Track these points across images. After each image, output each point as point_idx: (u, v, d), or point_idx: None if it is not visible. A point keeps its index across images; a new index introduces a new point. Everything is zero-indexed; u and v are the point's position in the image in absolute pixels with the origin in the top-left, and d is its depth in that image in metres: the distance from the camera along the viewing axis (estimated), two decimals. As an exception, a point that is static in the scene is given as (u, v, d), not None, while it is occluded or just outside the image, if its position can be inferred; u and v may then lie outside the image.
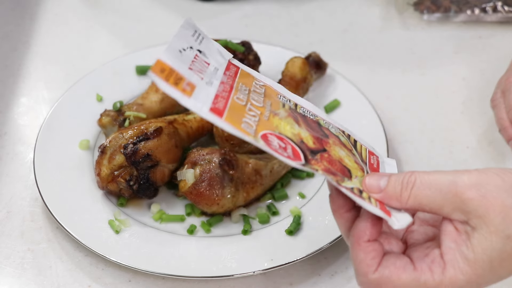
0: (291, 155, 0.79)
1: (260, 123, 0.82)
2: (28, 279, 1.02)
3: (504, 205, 0.72)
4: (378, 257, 0.76)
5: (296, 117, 0.86)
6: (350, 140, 0.89)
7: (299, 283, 1.02)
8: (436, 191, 0.74)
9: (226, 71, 0.87)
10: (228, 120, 0.79)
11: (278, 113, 0.85)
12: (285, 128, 0.83)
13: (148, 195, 1.07)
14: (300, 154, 0.80)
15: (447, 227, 0.75)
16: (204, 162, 1.06)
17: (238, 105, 0.83)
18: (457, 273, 0.73)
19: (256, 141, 0.79)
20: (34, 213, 1.10)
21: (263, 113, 0.83)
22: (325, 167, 0.80)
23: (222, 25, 1.42)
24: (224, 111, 0.80)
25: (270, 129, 0.81)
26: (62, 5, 1.45)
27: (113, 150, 1.06)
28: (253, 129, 0.80)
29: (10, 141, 1.20)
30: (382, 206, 0.78)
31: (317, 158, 0.81)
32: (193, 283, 1.02)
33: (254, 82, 0.89)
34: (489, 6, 1.39)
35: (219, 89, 0.83)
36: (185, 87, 0.79)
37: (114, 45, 1.38)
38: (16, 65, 1.34)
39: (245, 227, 1.05)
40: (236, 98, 0.83)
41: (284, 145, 0.80)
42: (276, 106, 0.86)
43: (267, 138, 0.80)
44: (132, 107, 1.17)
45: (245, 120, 0.81)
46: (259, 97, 0.86)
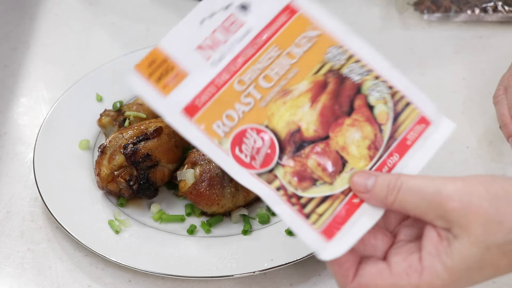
0: (260, 160, 0.78)
1: (249, 114, 0.79)
2: (28, 279, 1.02)
3: (486, 215, 0.73)
4: (353, 267, 0.77)
5: (321, 87, 0.81)
6: (397, 105, 0.82)
7: (299, 283, 1.02)
8: (421, 198, 0.75)
9: (268, 26, 0.82)
10: (198, 121, 0.78)
11: (291, 90, 0.81)
12: (282, 117, 0.79)
13: (148, 195, 1.07)
14: (275, 156, 0.78)
15: (429, 232, 0.76)
16: (204, 162, 1.05)
17: (231, 93, 0.79)
18: (434, 279, 0.74)
19: (220, 145, 0.78)
20: (34, 213, 1.10)
21: (264, 97, 0.80)
22: (300, 167, 0.78)
23: (222, 25, 1.42)
24: (201, 108, 0.78)
25: (257, 122, 0.79)
26: (62, 5, 1.45)
27: (113, 150, 1.06)
28: (232, 125, 0.78)
29: (10, 141, 1.20)
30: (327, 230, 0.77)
31: (301, 153, 0.79)
32: (193, 283, 1.02)
33: (305, 33, 0.83)
34: (490, 6, 1.39)
35: (224, 69, 0.80)
36: (169, 82, 0.78)
37: (114, 45, 1.38)
38: (16, 65, 1.34)
39: (245, 227, 1.05)
40: (238, 81, 0.80)
41: (261, 145, 0.78)
42: (301, 76, 0.81)
43: (242, 137, 0.78)
44: (132, 107, 1.17)
45: (227, 114, 0.78)
46: (288, 61, 0.81)
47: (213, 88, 0.79)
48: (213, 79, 0.80)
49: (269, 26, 0.82)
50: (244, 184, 0.78)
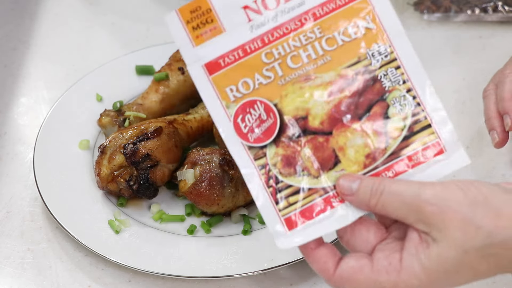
0: (258, 133, 0.79)
1: (264, 88, 0.79)
2: (28, 279, 1.02)
3: (464, 220, 0.74)
4: (331, 261, 0.78)
5: (347, 84, 0.80)
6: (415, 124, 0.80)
7: (299, 283, 1.02)
8: (401, 201, 0.76)
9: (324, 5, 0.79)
10: (214, 80, 0.79)
11: (314, 77, 0.80)
12: (293, 101, 0.79)
13: (148, 195, 1.07)
14: (273, 134, 0.79)
15: (412, 233, 0.77)
16: (204, 162, 1.05)
17: (257, 62, 0.79)
18: (412, 278, 0.76)
19: (226, 108, 0.79)
20: (34, 213, 1.10)
21: (285, 77, 0.79)
22: (291, 152, 0.79)
23: (222, 25, 1.41)
24: (222, 68, 0.79)
25: (268, 98, 0.79)
26: (62, 5, 1.45)
27: (113, 150, 1.06)
28: (245, 93, 0.79)
29: (10, 141, 1.20)
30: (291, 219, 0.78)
31: (299, 140, 0.79)
32: (193, 283, 1.02)
33: (357, 22, 0.80)
34: (490, 6, 1.39)
35: (260, 37, 0.79)
36: (203, 34, 0.79)
37: (114, 45, 1.38)
38: (16, 65, 1.34)
39: (245, 227, 1.05)
40: (266, 53, 0.79)
41: (265, 118, 0.79)
42: (329, 66, 0.80)
43: (250, 106, 0.79)
44: (132, 107, 1.17)
45: (243, 81, 0.79)
46: (325, 47, 0.80)
47: (241, 52, 0.79)
48: (245, 43, 0.79)
49: (325, 4, 0.80)
50: (230, 151, 0.80)
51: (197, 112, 1.16)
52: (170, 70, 1.18)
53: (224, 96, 0.79)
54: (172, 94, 1.17)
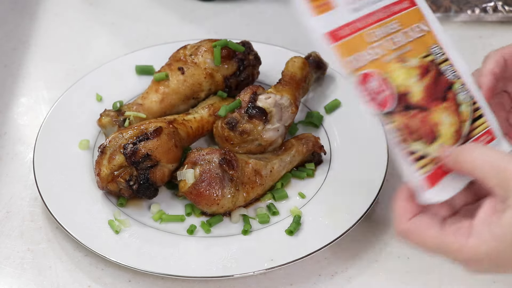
0: (379, 100, 0.87)
1: (374, 62, 0.89)
2: (27, 279, 1.02)
3: None
4: (410, 213, 0.85)
5: (426, 70, 0.91)
6: (474, 112, 0.93)
7: (299, 283, 1.02)
8: (489, 164, 0.81)
9: (393, 5, 0.93)
10: (338, 48, 0.88)
11: (407, 60, 0.91)
12: (398, 77, 0.89)
13: (148, 195, 1.07)
14: (393, 103, 0.88)
15: (485, 204, 0.81)
16: (204, 162, 1.05)
17: (363, 40, 0.90)
18: (480, 244, 0.79)
19: (350, 76, 0.88)
20: (33, 213, 1.10)
21: (388, 55, 0.90)
22: (404, 124, 0.88)
23: (222, 25, 1.42)
24: (340, 39, 0.89)
25: (381, 71, 0.89)
26: (62, 5, 1.45)
27: (113, 150, 1.06)
28: (360, 65, 0.88)
29: (10, 141, 1.20)
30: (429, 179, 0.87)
31: (408, 113, 0.88)
32: (193, 283, 1.02)
33: (418, 24, 0.94)
34: (490, 6, 1.39)
35: (357, 20, 0.90)
36: (321, 5, 0.89)
37: (114, 45, 1.38)
38: (16, 65, 1.34)
39: (245, 227, 1.05)
40: (368, 33, 0.90)
41: (383, 89, 0.88)
42: (414, 53, 0.92)
43: (369, 77, 0.88)
44: (132, 107, 1.17)
45: (357, 54, 0.88)
46: (404, 39, 0.92)
47: (352, 28, 0.90)
48: (349, 22, 0.90)
49: (395, 4, 0.94)
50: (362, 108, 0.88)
51: (197, 112, 1.16)
52: (170, 70, 1.18)
53: (345, 65, 0.88)
54: (172, 94, 1.17)
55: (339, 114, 1.21)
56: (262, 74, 1.25)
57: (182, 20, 1.43)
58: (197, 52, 1.19)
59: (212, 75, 1.18)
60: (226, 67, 1.19)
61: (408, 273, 1.04)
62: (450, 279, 1.03)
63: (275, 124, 1.12)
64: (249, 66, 1.20)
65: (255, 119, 1.10)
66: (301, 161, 1.14)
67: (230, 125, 1.11)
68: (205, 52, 1.18)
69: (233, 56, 1.19)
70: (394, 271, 1.04)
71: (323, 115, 1.21)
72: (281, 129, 1.13)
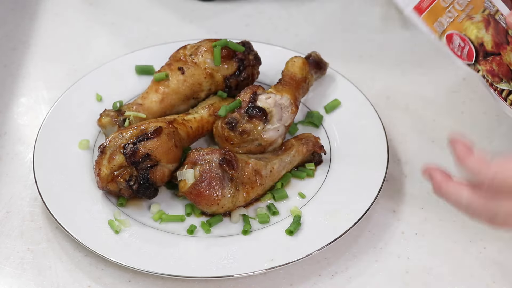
0: (465, 55, 1.08)
1: (452, 24, 1.09)
2: (27, 279, 1.02)
3: None
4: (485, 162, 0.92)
5: (488, 22, 1.09)
6: None
7: (299, 283, 1.02)
8: None
9: None
10: (424, 18, 1.09)
11: (474, 17, 1.09)
12: (472, 32, 1.08)
13: (148, 195, 1.07)
14: (474, 54, 1.08)
15: None
16: (204, 162, 1.05)
17: (440, 6, 1.09)
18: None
19: (440, 39, 1.08)
20: (33, 213, 1.10)
21: (459, 16, 1.09)
22: (490, 68, 1.07)
23: (222, 25, 1.42)
24: (425, 10, 1.09)
25: (458, 30, 1.09)
26: (61, 5, 1.45)
27: (112, 150, 1.06)
28: (443, 28, 1.08)
29: (10, 141, 1.20)
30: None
31: (488, 59, 1.07)
32: (193, 283, 1.02)
33: None
34: (490, 6, 1.39)
35: None
36: None
37: (114, 45, 1.38)
38: (16, 65, 1.34)
39: (245, 227, 1.05)
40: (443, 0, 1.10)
41: (464, 45, 1.08)
42: (475, 11, 1.09)
43: (451, 37, 1.08)
44: (132, 107, 1.17)
45: (440, 20, 1.09)
46: (465, 0, 1.10)
47: (427, 1, 1.09)
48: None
49: None
50: (462, 66, 1.10)
51: (197, 112, 1.16)
52: (170, 70, 1.18)
53: (435, 31, 1.09)
54: (172, 94, 1.17)
55: (339, 114, 1.21)
56: (262, 74, 1.25)
57: (182, 20, 1.43)
58: (197, 52, 1.19)
59: (212, 75, 1.18)
60: (226, 67, 1.19)
61: (408, 273, 1.04)
62: (450, 279, 1.03)
63: (275, 124, 1.12)
64: (249, 66, 1.20)
65: (255, 119, 1.10)
66: (301, 161, 1.14)
67: (230, 125, 1.11)
68: (205, 52, 1.18)
69: (233, 56, 1.19)
70: (394, 271, 1.04)
71: (323, 115, 1.21)
72: (281, 129, 1.13)
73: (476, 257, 1.06)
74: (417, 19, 1.09)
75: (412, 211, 1.11)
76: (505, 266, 1.04)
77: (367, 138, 1.15)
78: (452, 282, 1.03)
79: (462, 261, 1.05)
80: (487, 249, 1.06)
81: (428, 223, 1.09)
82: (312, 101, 1.23)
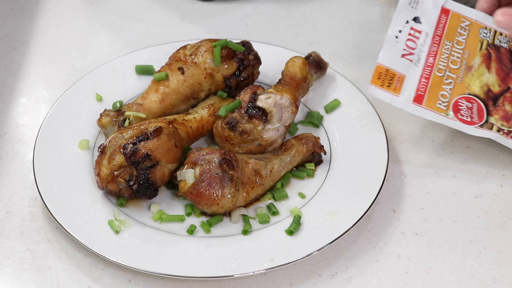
0: (475, 115, 1.12)
1: (454, 89, 1.13)
2: (27, 279, 1.02)
3: None
4: None
5: (489, 57, 1.13)
6: None
7: (299, 283, 1.02)
8: None
9: (436, 29, 1.16)
10: (426, 104, 1.12)
11: (472, 65, 1.14)
12: (475, 85, 1.13)
13: (148, 195, 1.07)
14: (483, 109, 1.12)
15: None
16: (204, 162, 1.05)
17: (437, 79, 1.13)
18: None
19: (447, 116, 1.12)
20: (33, 213, 1.10)
21: (458, 76, 1.13)
22: (503, 113, 1.12)
23: (222, 25, 1.42)
24: (424, 95, 1.12)
25: (462, 93, 1.13)
26: (61, 5, 1.45)
27: (112, 150, 1.06)
28: (447, 100, 1.12)
29: (10, 141, 1.20)
30: None
31: (499, 103, 1.12)
32: (193, 283, 1.02)
33: (460, 25, 1.16)
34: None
35: (425, 65, 1.14)
36: (396, 85, 1.13)
37: (114, 45, 1.38)
38: (16, 65, 1.34)
39: (245, 227, 1.05)
40: (437, 71, 1.13)
41: (471, 105, 1.12)
42: (472, 55, 1.14)
43: (458, 105, 1.12)
44: (132, 107, 1.17)
45: (441, 94, 1.13)
46: (460, 48, 1.15)
47: (424, 80, 1.13)
48: (421, 74, 1.13)
49: (437, 27, 1.16)
50: (476, 134, 1.12)
51: (197, 112, 1.16)
52: (170, 70, 1.18)
53: (440, 110, 1.12)
54: (172, 94, 1.17)
55: (339, 114, 1.21)
56: (262, 74, 1.25)
57: (182, 20, 1.43)
58: (197, 52, 1.19)
59: (212, 75, 1.18)
60: (226, 67, 1.19)
61: (408, 273, 1.04)
62: (450, 279, 1.03)
63: (275, 124, 1.12)
64: (249, 66, 1.20)
65: (255, 119, 1.10)
66: (301, 161, 1.14)
67: (230, 125, 1.11)
68: (205, 52, 1.18)
69: (233, 56, 1.19)
70: (394, 271, 1.04)
71: (323, 115, 1.21)
72: (281, 129, 1.13)
73: (476, 257, 1.06)
74: (420, 110, 1.12)
75: (412, 211, 1.11)
76: (505, 266, 1.04)
77: (367, 138, 1.15)
78: (452, 282, 1.03)
79: (462, 261, 1.05)
80: (487, 249, 1.06)
81: (428, 223, 1.09)
82: (312, 101, 1.23)
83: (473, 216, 1.10)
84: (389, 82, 1.12)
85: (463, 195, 1.13)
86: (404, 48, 1.14)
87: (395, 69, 1.13)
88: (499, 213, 1.11)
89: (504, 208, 1.11)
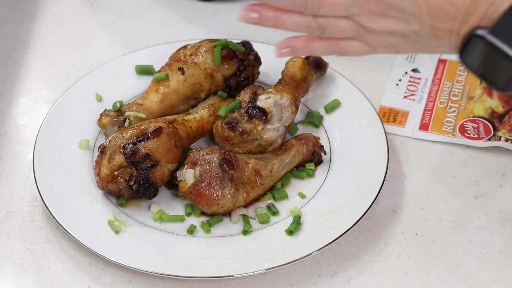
0: (482, 132, 1.17)
1: (458, 115, 1.21)
2: (27, 279, 1.02)
3: None
4: None
5: (490, 88, 1.20)
6: None
7: (299, 283, 1.02)
8: None
9: (435, 75, 1.28)
10: (432, 129, 1.20)
11: (473, 96, 1.22)
12: (478, 109, 1.21)
13: (148, 195, 1.07)
14: (490, 126, 1.18)
15: None
16: (204, 162, 1.05)
17: (440, 110, 1.22)
18: None
19: (454, 136, 1.18)
20: (33, 213, 1.10)
21: (460, 104, 1.22)
22: (510, 127, 1.17)
23: (222, 25, 1.41)
24: (429, 123, 1.21)
25: (466, 117, 1.20)
26: (61, 5, 1.45)
27: (112, 150, 1.06)
28: (452, 124, 1.20)
29: (10, 141, 1.20)
30: None
31: (504, 121, 1.18)
32: (193, 283, 1.02)
33: (459, 68, 1.28)
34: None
35: (427, 101, 1.24)
36: (401, 119, 1.21)
37: (114, 45, 1.38)
38: (16, 65, 1.34)
39: (245, 227, 1.05)
40: (439, 103, 1.23)
41: (477, 125, 1.18)
42: (473, 89, 1.23)
43: (464, 127, 1.19)
44: (132, 107, 1.17)
45: (446, 120, 1.20)
46: (460, 86, 1.25)
47: (428, 112, 1.22)
48: (425, 108, 1.23)
49: (436, 73, 1.28)
50: (484, 146, 1.16)
51: (197, 112, 1.16)
52: (170, 70, 1.18)
53: (446, 133, 1.18)
54: (172, 94, 1.17)
55: (339, 114, 1.21)
56: (262, 74, 1.24)
57: (182, 20, 1.43)
58: (197, 52, 1.19)
59: (212, 75, 1.18)
60: (226, 67, 1.19)
61: (408, 273, 1.04)
62: (450, 279, 1.03)
63: (275, 124, 1.12)
64: (249, 66, 1.20)
65: (255, 119, 1.10)
66: (301, 161, 1.14)
67: (230, 125, 1.11)
68: (205, 52, 1.18)
69: (233, 56, 1.19)
70: (394, 271, 1.04)
71: (323, 115, 1.21)
72: (281, 129, 1.13)
73: (476, 257, 1.06)
74: (427, 135, 1.18)
75: (412, 211, 1.11)
76: (505, 266, 1.04)
77: (367, 138, 1.15)
78: (452, 282, 1.03)
79: (462, 261, 1.05)
80: (487, 249, 1.06)
81: (428, 223, 1.09)
82: (312, 101, 1.23)
83: (473, 216, 1.10)
84: (394, 118, 1.21)
85: (463, 195, 1.13)
86: (405, 91, 1.25)
87: (398, 107, 1.23)
88: (499, 213, 1.11)
89: (504, 208, 1.11)
